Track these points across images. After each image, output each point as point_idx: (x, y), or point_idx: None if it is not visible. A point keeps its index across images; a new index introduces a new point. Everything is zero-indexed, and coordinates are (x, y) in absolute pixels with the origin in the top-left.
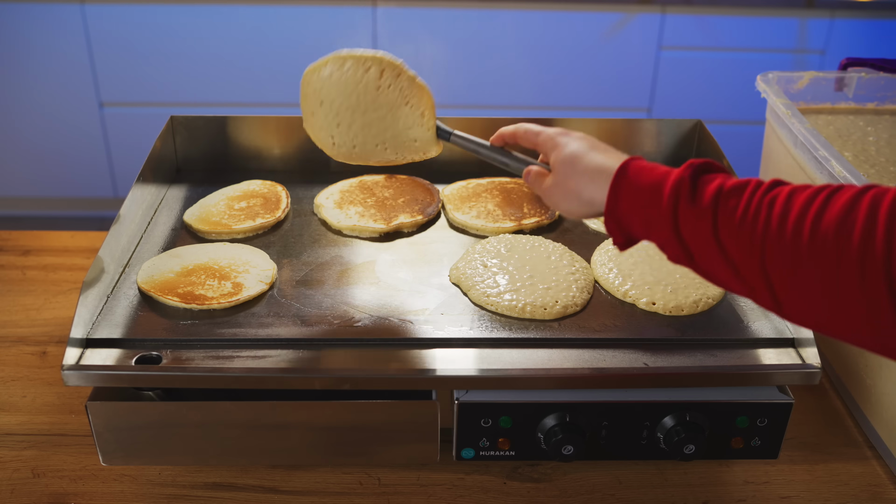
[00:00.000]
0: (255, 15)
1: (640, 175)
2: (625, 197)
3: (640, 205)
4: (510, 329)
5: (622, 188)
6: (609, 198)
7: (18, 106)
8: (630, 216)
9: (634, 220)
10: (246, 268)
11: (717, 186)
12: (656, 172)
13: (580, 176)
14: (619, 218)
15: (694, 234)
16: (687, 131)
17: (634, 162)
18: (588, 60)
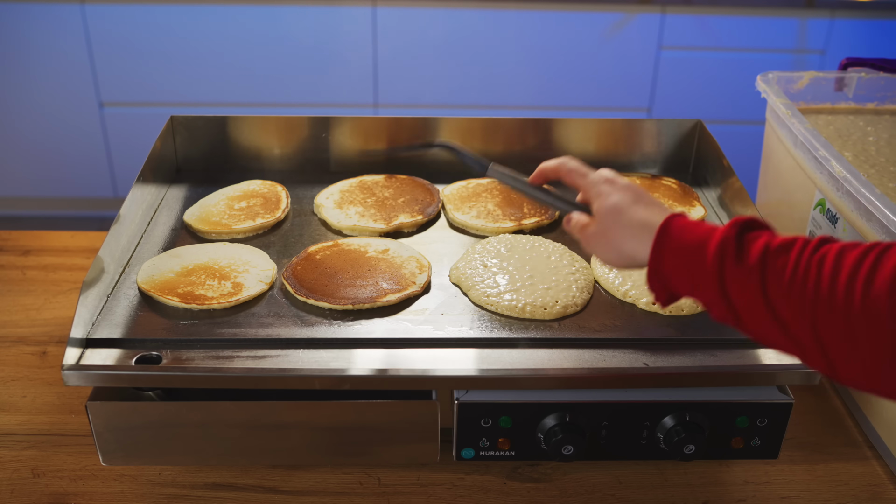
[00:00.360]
0: (255, 15)
1: (683, 233)
2: (669, 256)
3: (685, 264)
4: (510, 329)
5: (666, 247)
6: (652, 257)
7: (18, 106)
8: (674, 275)
9: (679, 280)
10: (246, 268)
11: (764, 245)
12: (700, 230)
13: (622, 229)
14: (664, 277)
15: (741, 295)
16: (687, 131)
17: (677, 219)
18: (588, 60)
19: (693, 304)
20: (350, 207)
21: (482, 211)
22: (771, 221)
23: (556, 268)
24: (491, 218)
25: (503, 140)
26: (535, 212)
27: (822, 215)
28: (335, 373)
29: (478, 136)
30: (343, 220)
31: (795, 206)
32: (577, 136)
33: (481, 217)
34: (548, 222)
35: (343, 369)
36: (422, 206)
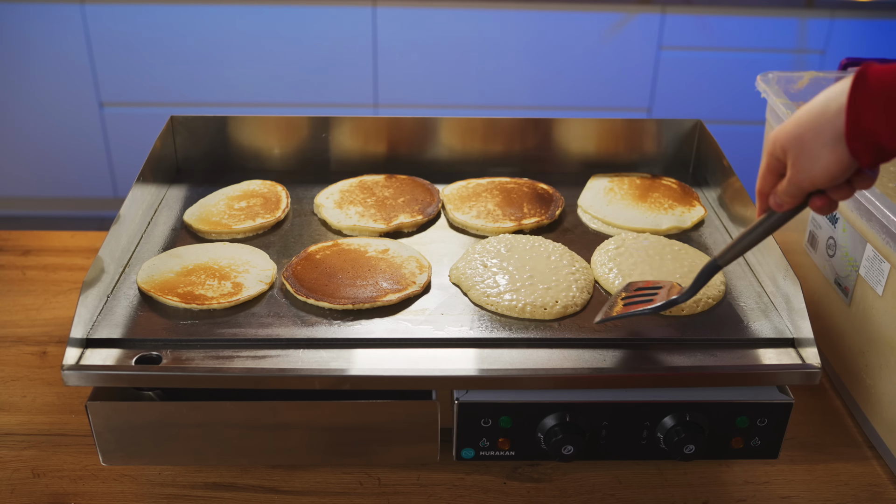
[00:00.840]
0: (255, 15)
1: (884, 77)
2: (868, 105)
3: (890, 104)
4: (510, 329)
5: (862, 97)
6: (848, 114)
7: (18, 106)
8: (878, 124)
9: (884, 126)
10: (246, 268)
11: None
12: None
13: (811, 124)
14: (865, 132)
15: None
16: (687, 131)
17: (873, 66)
18: (588, 60)
19: (693, 304)
20: (350, 207)
21: (482, 211)
22: None
23: (556, 268)
24: (491, 218)
25: (503, 140)
26: (535, 212)
27: (823, 215)
28: (335, 373)
29: (478, 136)
30: (343, 220)
31: None
32: (577, 136)
33: (481, 217)
34: (548, 222)
35: (343, 369)
36: (422, 206)
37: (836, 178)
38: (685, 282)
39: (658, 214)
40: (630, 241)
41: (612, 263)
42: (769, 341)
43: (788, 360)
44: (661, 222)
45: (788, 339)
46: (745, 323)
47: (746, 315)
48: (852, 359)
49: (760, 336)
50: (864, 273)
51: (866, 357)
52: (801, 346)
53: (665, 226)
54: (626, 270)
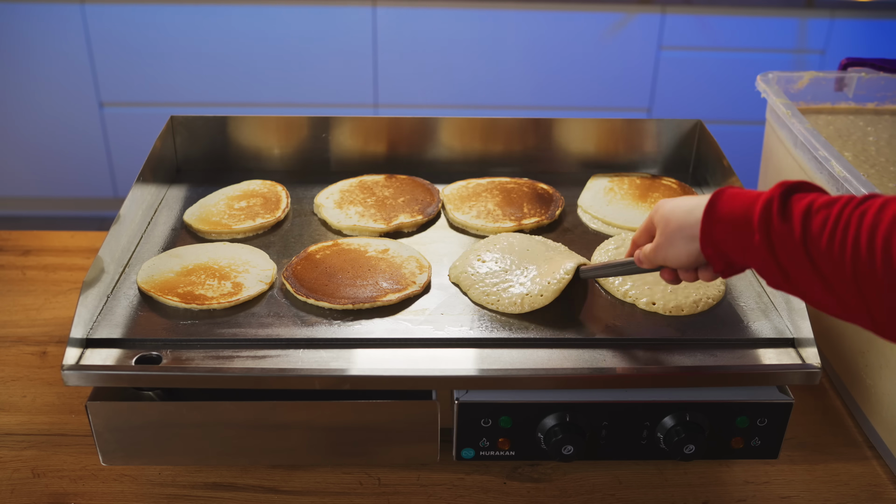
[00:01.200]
0: (255, 15)
1: (733, 200)
2: (718, 223)
3: (734, 227)
4: (510, 329)
5: (715, 218)
6: (703, 224)
7: (18, 106)
8: (726, 240)
9: (730, 244)
10: (246, 268)
11: (809, 202)
12: (748, 197)
13: (679, 216)
14: (716, 243)
15: (785, 251)
16: (687, 131)
17: (729, 190)
18: (588, 60)
19: (693, 304)
20: (350, 207)
21: (482, 211)
22: None
23: (555, 265)
24: (491, 218)
25: (503, 140)
26: (535, 211)
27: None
28: (335, 373)
29: (478, 136)
30: (343, 220)
31: None
32: (577, 136)
33: (481, 217)
34: (548, 222)
35: (343, 369)
36: (422, 206)
37: (684, 267)
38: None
39: None
40: (630, 240)
41: None
42: (769, 341)
43: (788, 360)
44: None
45: (788, 339)
46: (745, 323)
47: (746, 315)
48: (852, 359)
49: (760, 336)
50: None
51: (866, 357)
52: (801, 346)
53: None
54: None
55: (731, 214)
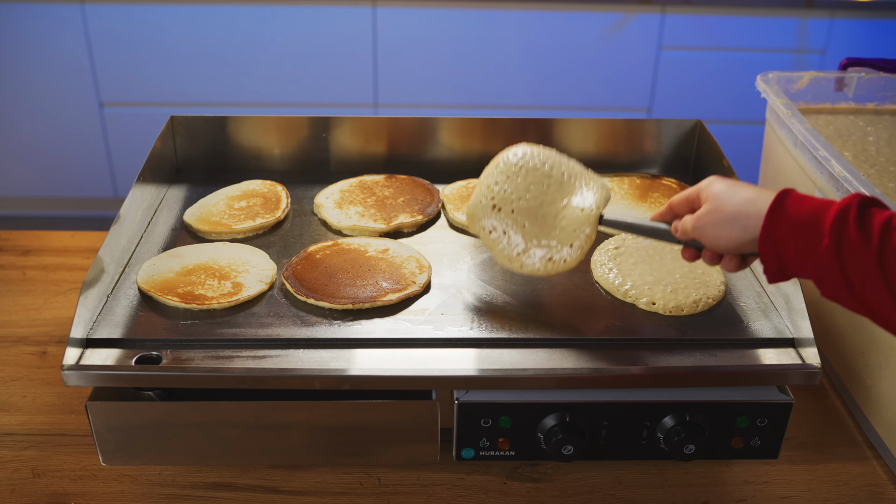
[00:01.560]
0: (255, 15)
1: (800, 201)
2: (784, 220)
3: (800, 228)
4: (510, 329)
5: (782, 211)
6: (767, 219)
7: (18, 106)
8: (787, 241)
9: (792, 246)
10: (246, 268)
11: (888, 217)
12: (818, 201)
13: (736, 204)
14: (776, 242)
15: (857, 261)
16: (687, 131)
17: (795, 191)
18: (588, 60)
19: (693, 304)
20: (350, 207)
21: None
22: None
23: (573, 219)
24: None
25: (503, 140)
26: None
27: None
28: (335, 373)
29: (478, 136)
30: (343, 219)
31: None
32: (577, 136)
33: None
34: None
35: (343, 369)
36: (422, 206)
37: (723, 252)
38: (684, 282)
39: None
40: (630, 241)
41: (612, 263)
42: (769, 341)
43: (788, 360)
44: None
45: (788, 339)
46: (745, 323)
47: (746, 315)
48: (852, 359)
49: (760, 336)
50: None
51: (866, 357)
52: (801, 346)
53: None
54: (626, 270)
55: (797, 215)
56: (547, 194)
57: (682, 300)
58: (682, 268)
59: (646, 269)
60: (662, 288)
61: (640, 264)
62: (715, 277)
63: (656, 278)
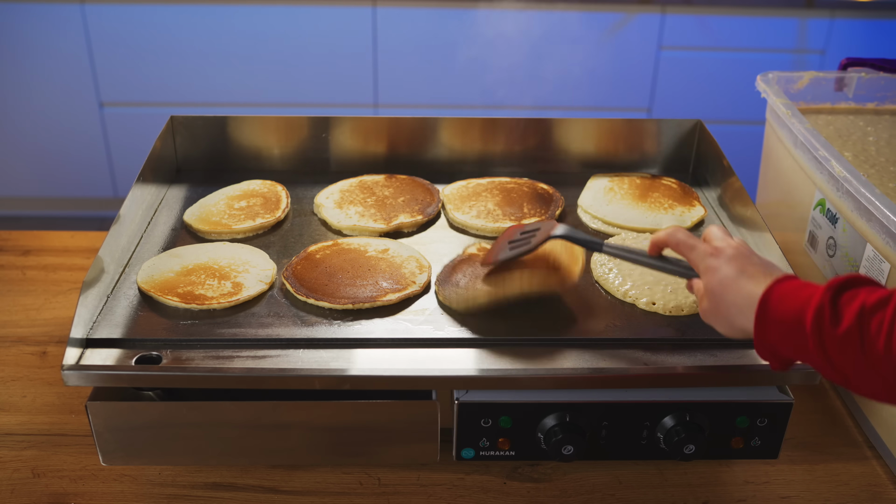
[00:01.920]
0: (255, 15)
1: (782, 304)
2: (771, 329)
3: (787, 334)
4: (510, 329)
5: (768, 321)
6: (756, 331)
7: (18, 106)
8: (780, 345)
9: (784, 348)
10: (246, 267)
11: (860, 305)
12: (799, 298)
13: (730, 306)
14: (771, 345)
15: (843, 358)
16: (687, 131)
17: (777, 290)
18: (588, 60)
19: (693, 304)
20: (350, 207)
21: (482, 210)
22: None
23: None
24: (491, 218)
25: (503, 140)
26: (535, 211)
27: (822, 215)
28: (335, 373)
29: (478, 136)
30: (343, 219)
31: (795, 206)
32: (577, 136)
33: (481, 217)
34: None
35: (343, 369)
36: (422, 205)
37: (729, 337)
38: (684, 282)
39: (658, 214)
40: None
41: (611, 263)
42: None
43: None
44: (661, 222)
45: None
46: None
47: None
48: None
49: None
50: (864, 273)
51: None
52: None
53: (665, 226)
54: (626, 270)
55: (783, 317)
56: None
57: (682, 300)
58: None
59: (646, 269)
60: (662, 288)
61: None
62: None
63: (656, 278)
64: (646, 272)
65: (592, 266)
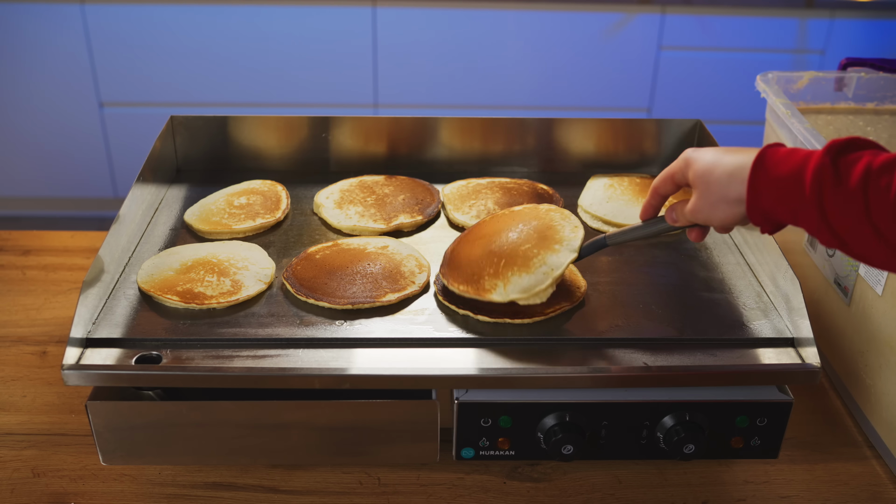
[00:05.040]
0: (255, 15)
1: (778, 165)
2: (765, 190)
3: (783, 196)
4: (510, 329)
5: (761, 181)
6: (749, 192)
7: (18, 106)
8: (774, 208)
9: (779, 211)
10: (245, 265)
11: (865, 166)
12: (795, 159)
13: (720, 179)
14: (764, 210)
15: (844, 220)
16: (687, 131)
17: (771, 151)
18: (588, 60)
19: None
20: (350, 207)
21: (482, 210)
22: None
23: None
24: None
25: (503, 140)
26: None
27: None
28: (335, 373)
29: (478, 136)
30: (343, 219)
31: None
32: (577, 136)
33: (481, 217)
34: None
35: (343, 369)
36: (422, 205)
37: (728, 229)
38: None
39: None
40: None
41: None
42: (769, 341)
43: (788, 359)
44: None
45: (788, 339)
46: (745, 323)
47: (746, 315)
48: (852, 358)
49: (760, 336)
50: (863, 273)
51: (866, 357)
52: (801, 345)
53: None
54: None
55: (778, 178)
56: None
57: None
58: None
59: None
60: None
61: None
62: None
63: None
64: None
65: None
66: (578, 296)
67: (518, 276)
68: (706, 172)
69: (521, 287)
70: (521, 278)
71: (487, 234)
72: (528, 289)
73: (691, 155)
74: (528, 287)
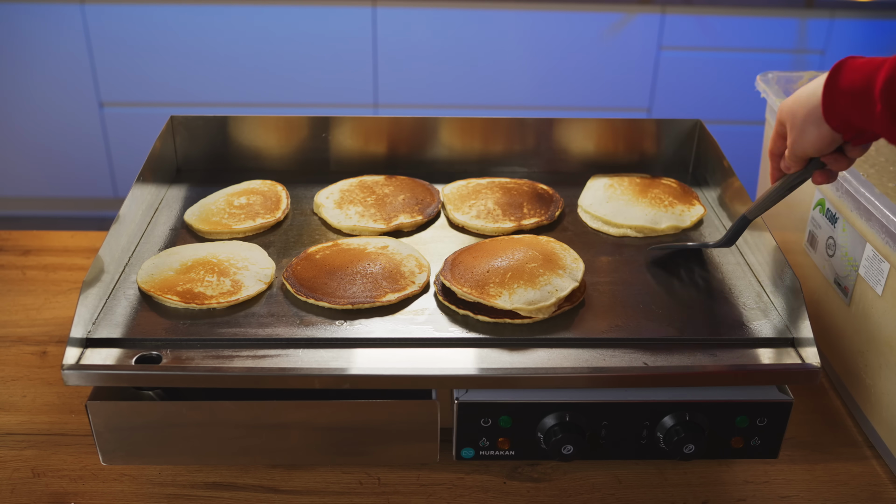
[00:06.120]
0: (255, 15)
1: (854, 71)
2: (840, 95)
3: (856, 99)
4: (510, 329)
5: (837, 87)
6: (824, 99)
7: (18, 106)
8: (850, 113)
9: (855, 116)
10: (245, 264)
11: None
12: (870, 64)
13: (804, 105)
14: (840, 114)
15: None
16: (687, 131)
17: (850, 60)
18: (588, 60)
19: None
20: (350, 207)
21: (482, 210)
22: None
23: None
24: (491, 217)
25: (503, 140)
26: (534, 212)
27: (822, 215)
28: (335, 373)
29: (478, 136)
30: (343, 219)
31: (795, 206)
32: (577, 136)
33: (481, 217)
34: (547, 222)
35: (343, 369)
36: (422, 205)
37: (823, 150)
38: None
39: (658, 211)
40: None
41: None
42: (769, 341)
43: (788, 359)
44: (661, 220)
45: (788, 339)
46: (745, 323)
47: (746, 315)
48: (852, 359)
49: (760, 336)
50: (863, 273)
51: (866, 357)
52: (801, 345)
53: (664, 224)
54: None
55: (851, 86)
56: None
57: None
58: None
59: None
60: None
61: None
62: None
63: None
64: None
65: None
66: (578, 296)
67: (524, 289)
68: (792, 105)
69: (527, 299)
70: (527, 292)
71: (491, 251)
72: (532, 302)
73: (782, 103)
74: (532, 300)
